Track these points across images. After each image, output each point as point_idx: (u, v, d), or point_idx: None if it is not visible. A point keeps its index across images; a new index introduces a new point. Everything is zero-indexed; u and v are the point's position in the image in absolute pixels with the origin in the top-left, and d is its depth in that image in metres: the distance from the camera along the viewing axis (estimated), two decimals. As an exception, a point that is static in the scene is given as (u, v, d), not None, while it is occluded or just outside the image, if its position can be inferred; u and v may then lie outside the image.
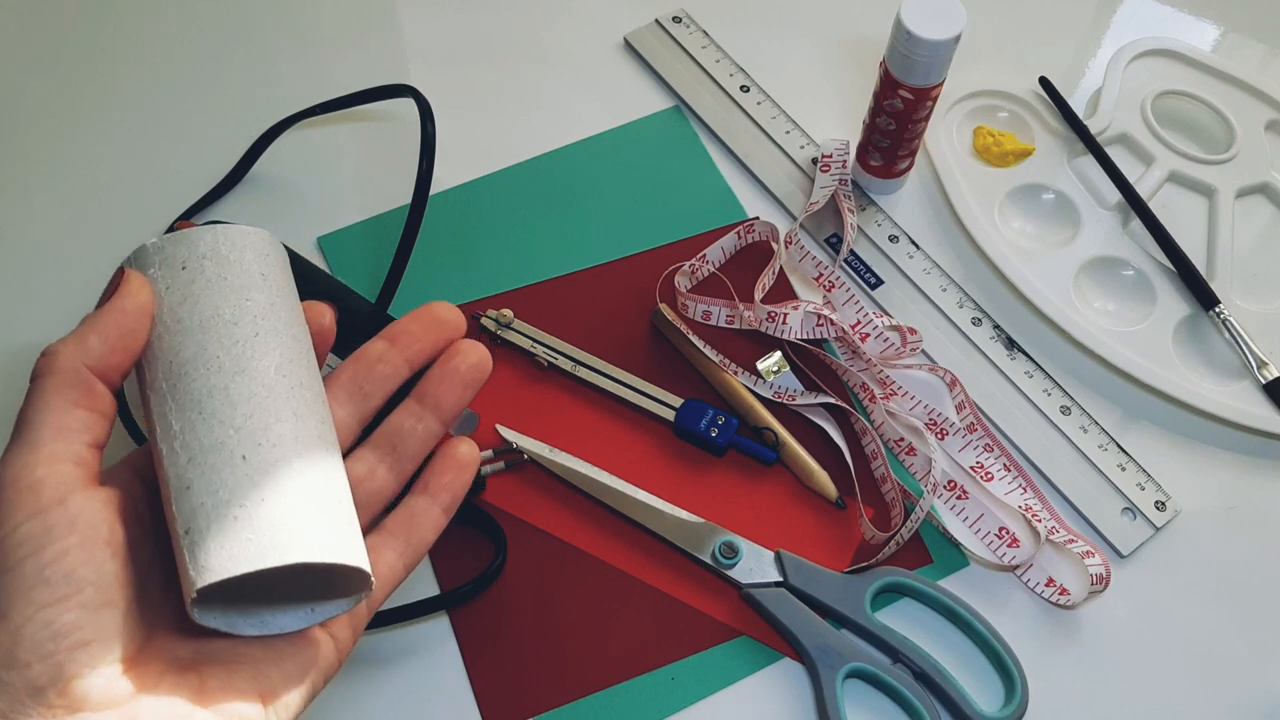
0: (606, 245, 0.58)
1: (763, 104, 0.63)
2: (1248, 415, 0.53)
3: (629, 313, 0.56)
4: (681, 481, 0.52)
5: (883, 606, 0.50)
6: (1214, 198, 0.60)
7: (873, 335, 0.54)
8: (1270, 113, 0.62)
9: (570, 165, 0.61)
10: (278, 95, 0.62)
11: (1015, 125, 0.62)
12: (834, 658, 0.47)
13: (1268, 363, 0.54)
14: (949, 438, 0.53)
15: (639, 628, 0.49)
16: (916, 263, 0.58)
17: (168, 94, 0.63)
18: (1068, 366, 0.56)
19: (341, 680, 0.48)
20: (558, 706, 0.47)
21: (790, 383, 0.54)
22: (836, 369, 0.54)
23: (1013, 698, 0.47)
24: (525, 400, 0.54)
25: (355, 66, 0.64)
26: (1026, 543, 0.51)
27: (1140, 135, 0.61)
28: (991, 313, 0.57)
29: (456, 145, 0.61)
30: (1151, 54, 0.64)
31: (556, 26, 0.67)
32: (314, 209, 0.59)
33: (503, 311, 0.55)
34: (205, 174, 0.60)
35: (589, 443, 0.53)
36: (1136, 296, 0.57)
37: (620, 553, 0.50)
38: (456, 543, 0.50)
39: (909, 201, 0.61)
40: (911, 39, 0.51)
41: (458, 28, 0.66)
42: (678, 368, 0.55)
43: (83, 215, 0.59)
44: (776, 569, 0.49)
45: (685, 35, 0.65)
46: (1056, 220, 0.59)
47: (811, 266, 0.57)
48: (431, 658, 0.48)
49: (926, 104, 0.54)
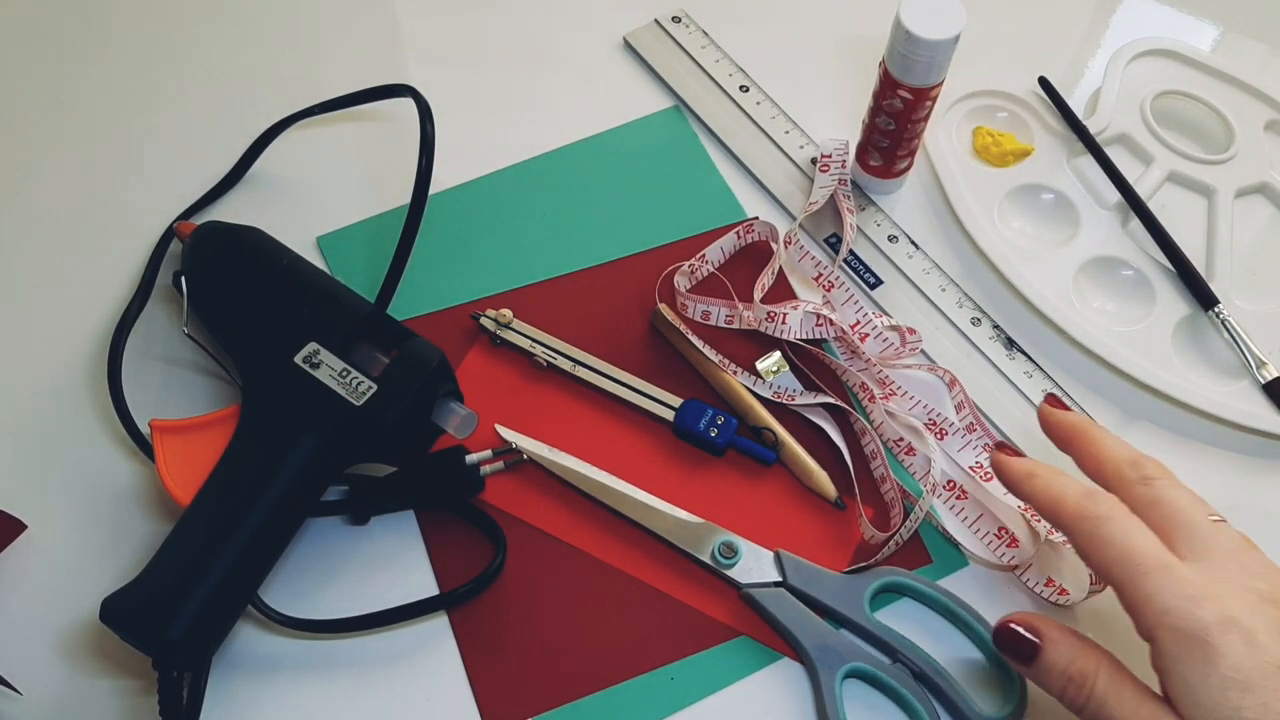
0: (606, 245, 0.58)
1: (762, 104, 0.63)
2: (1247, 415, 0.53)
3: (628, 313, 0.56)
4: (681, 481, 0.52)
5: (882, 606, 0.50)
6: (1213, 198, 0.60)
7: (872, 335, 0.54)
8: (1269, 113, 0.62)
9: (570, 165, 0.61)
10: (277, 95, 0.62)
11: (1015, 125, 0.62)
12: (833, 658, 0.47)
13: (1267, 362, 0.54)
14: (948, 437, 0.53)
15: (638, 628, 0.49)
16: (916, 263, 0.58)
17: (167, 94, 0.63)
18: (1067, 366, 0.56)
19: (342, 680, 0.48)
20: (557, 706, 0.47)
21: (789, 383, 0.54)
22: (836, 369, 0.54)
23: (1011, 698, 0.47)
24: (524, 400, 0.54)
25: (355, 66, 0.64)
26: (1025, 543, 0.51)
27: (1139, 135, 0.61)
28: (991, 312, 0.57)
29: (456, 145, 0.61)
30: (1151, 54, 0.64)
31: (556, 26, 0.67)
32: (313, 209, 0.59)
33: (502, 311, 0.55)
34: (204, 174, 0.60)
35: (588, 443, 0.53)
36: (1136, 296, 0.57)
37: (620, 553, 0.50)
38: (456, 543, 0.50)
39: (908, 201, 0.61)
40: (911, 39, 0.51)
41: (457, 28, 0.66)
42: (677, 368, 0.55)
43: (82, 215, 0.59)
44: (776, 569, 0.49)
45: (685, 35, 0.66)
46: (1056, 220, 0.59)
47: (811, 266, 0.57)
48: (431, 658, 0.48)
49: (926, 104, 0.54)
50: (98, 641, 0.48)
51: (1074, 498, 0.42)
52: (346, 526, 0.51)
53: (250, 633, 0.48)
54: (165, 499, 0.51)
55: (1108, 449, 0.44)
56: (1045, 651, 0.41)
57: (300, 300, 0.49)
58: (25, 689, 0.47)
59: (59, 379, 0.54)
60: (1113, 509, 0.41)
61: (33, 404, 0.53)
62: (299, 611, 0.48)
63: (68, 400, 0.54)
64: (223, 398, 0.54)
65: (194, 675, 0.45)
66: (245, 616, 0.49)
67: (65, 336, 0.55)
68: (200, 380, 0.54)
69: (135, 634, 0.43)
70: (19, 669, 0.47)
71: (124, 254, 0.58)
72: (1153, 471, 0.43)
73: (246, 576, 0.45)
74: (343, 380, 0.46)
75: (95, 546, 0.50)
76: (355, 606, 0.48)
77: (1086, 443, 0.45)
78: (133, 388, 0.53)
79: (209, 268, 0.51)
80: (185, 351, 0.55)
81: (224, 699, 0.47)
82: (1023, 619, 0.42)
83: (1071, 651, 0.41)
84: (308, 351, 0.47)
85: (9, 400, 0.54)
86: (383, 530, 0.51)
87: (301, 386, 0.46)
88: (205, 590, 0.43)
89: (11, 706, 0.47)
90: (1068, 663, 0.41)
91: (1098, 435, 0.45)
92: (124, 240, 0.58)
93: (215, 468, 0.46)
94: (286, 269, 0.50)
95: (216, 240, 0.52)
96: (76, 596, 0.49)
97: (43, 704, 0.47)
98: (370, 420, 0.46)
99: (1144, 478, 0.42)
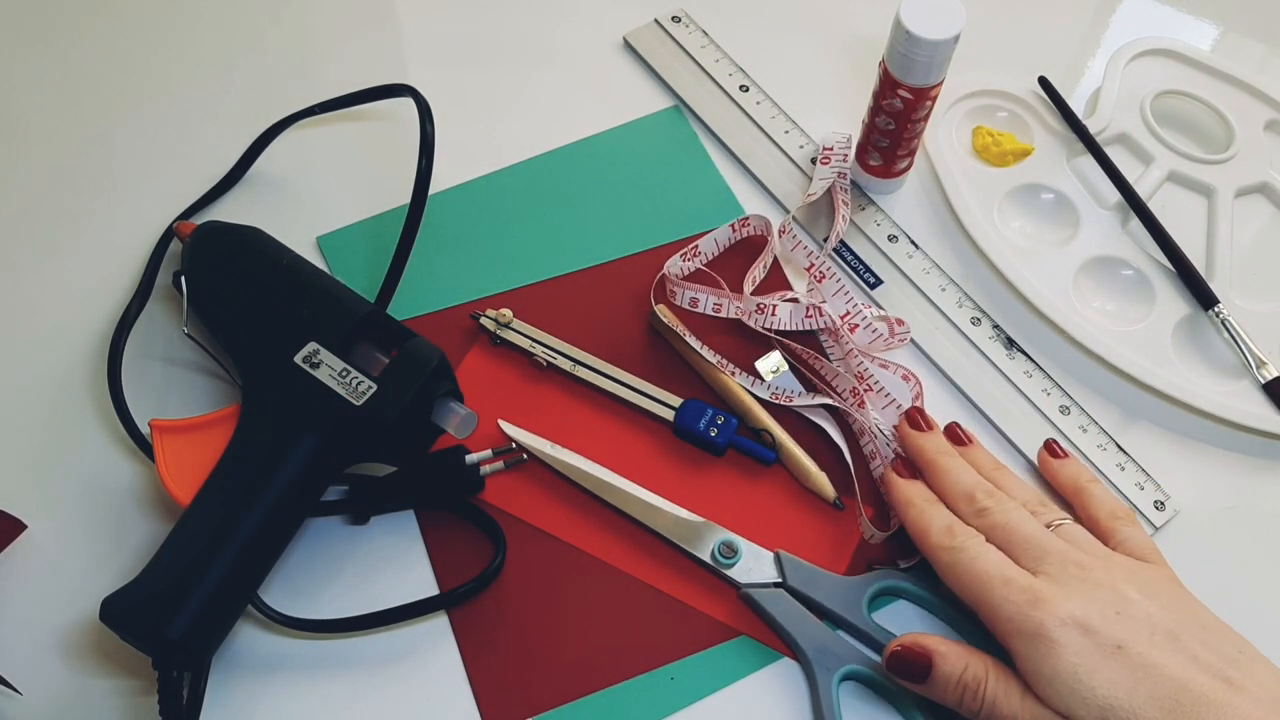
0: (605, 245, 0.58)
1: (762, 103, 0.63)
2: (1247, 415, 0.53)
3: (628, 312, 0.56)
4: (681, 481, 0.52)
5: (880, 608, 0.50)
6: (1213, 197, 0.60)
7: (862, 325, 0.54)
8: (1269, 112, 0.62)
9: (569, 165, 0.61)
10: (277, 95, 0.62)
11: (1014, 125, 0.62)
12: (831, 659, 0.47)
13: (1267, 362, 0.54)
14: None
15: (638, 628, 0.49)
16: (916, 262, 0.58)
17: (167, 93, 0.63)
18: (1067, 366, 0.56)
19: (342, 680, 0.48)
20: (557, 706, 0.47)
21: (789, 384, 0.54)
22: (828, 373, 0.54)
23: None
24: (524, 400, 0.54)
25: (355, 66, 0.64)
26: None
27: (1139, 135, 0.61)
28: (990, 312, 0.57)
29: (455, 145, 0.61)
30: (1151, 54, 0.64)
31: (556, 26, 0.67)
32: (313, 208, 0.59)
33: (502, 311, 0.55)
34: (204, 173, 0.60)
35: (588, 442, 0.53)
36: (1135, 296, 0.57)
37: (620, 552, 0.50)
38: (456, 542, 0.50)
39: (908, 201, 0.61)
40: (911, 39, 0.51)
41: (457, 28, 0.66)
42: (677, 367, 0.55)
43: (82, 215, 0.59)
44: (775, 569, 0.49)
45: (684, 35, 0.66)
46: (1056, 220, 0.59)
47: (803, 256, 0.57)
48: (431, 658, 0.48)
49: (925, 104, 0.54)
50: (98, 641, 0.48)
51: (936, 531, 0.46)
52: (346, 526, 0.51)
53: (250, 633, 0.48)
54: (165, 499, 0.51)
55: (949, 483, 0.49)
56: (937, 666, 0.43)
57: (300, 300, 0.49)
58: (25, 689, 0.47)
59: (59, 379, 0.54)
60: (966, 540, 0.45)
61: (33, 404, 0.53)
62: (299, 611, 0.48)
63: (68, 400, 0.54)
64: (223, 398, 0.54)
65: (194, 675, 0.45)
66: (245, 616, 0.49)
67: (65, 337, 0.55)
68: (200, 380, 0.54)
69: (135, 634, 0.43)
70: (19, 669, 0.47)
71: (124, 254, 0.58)
72: (984, 501, 0.47)
73: (246, 576, 0.45)
74: (343, 380, 0.46)
75: (95, 546, 0.50)
76: (355, 606, 0.48)
77: (931, 476, 0.49)
78: (133, 388, 0.53)
79: (209, 268, 0.51)
80: (185, 351, 0.55)
81: (224, 699, 0.47)
82: (907, 640, 0.44)
83: (962, 660, 0.43)
84: (308, 351, 0.47)
85: (9, 400, 0.54)
86: (383, 530, 0.51)
87: (301, 386, 0.46)
88: (205, 590, 0.43)
89: (11, 706, 0.47)
90: (961, 671, 0.43)
91: (941, 467, 0.49)
92: (124, 240, 0.58)
93: (215, 468, 0.46)
94: (286, 269, 0.50)
95: (216, 240, 0.52)
96: (76, 596, 0.49)
97: (43, 704, 0.47)
98: (370, 420, 0.46)
99: (977, 511, 0.47)
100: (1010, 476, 0.50)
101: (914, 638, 0.44)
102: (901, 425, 0.51)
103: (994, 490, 0.48)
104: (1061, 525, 0.46)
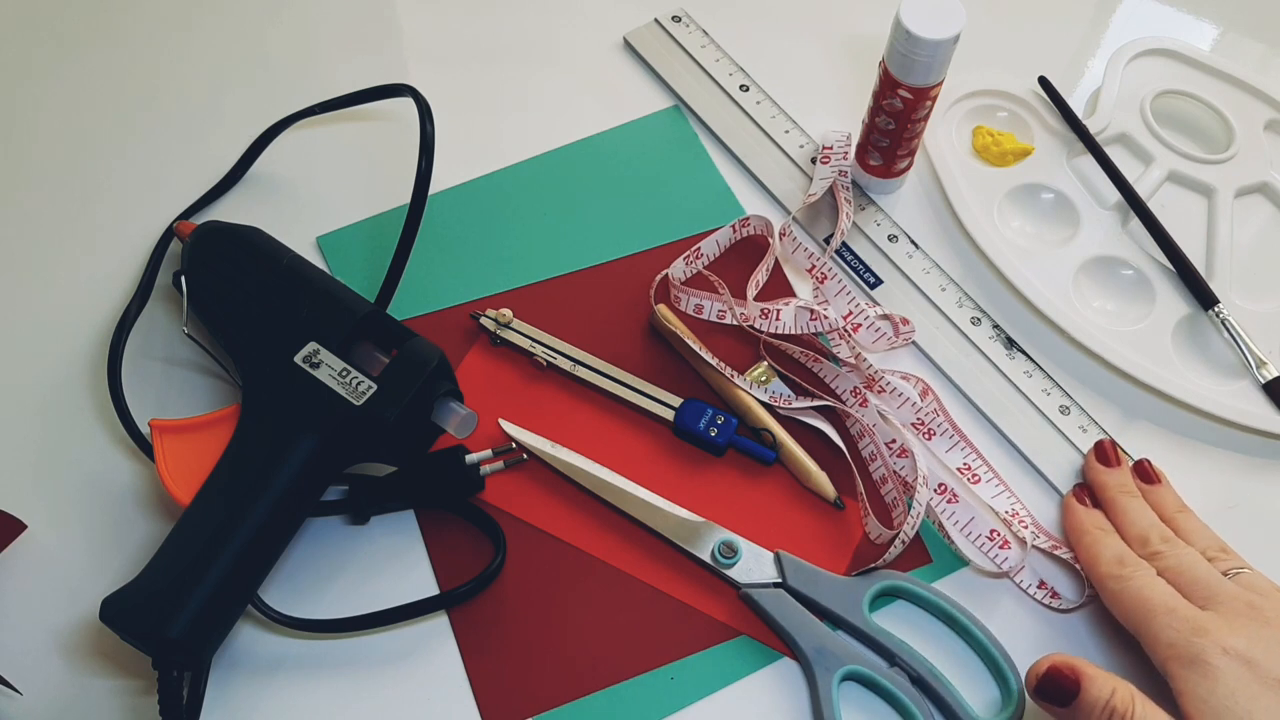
0: (606, 245, 0.58)
1: (762, 103, 0.63)
2: (1247, 415, 0.53)
3: (628, 312, 0.56)
4: (681, 481, 0.52)
5: (880, 609, 0.50)
6: (1213, 197, 0.60)
7: (864, 325, 0.54)
8: (1269, 112, 0.62)
9: (569, 165, 0.61)
10: (277, 95, 0.62)
11: (1014, 125, 0.62)
12: (830, 660, 0.47)
13: (1267, 362, 0.54)
14: (936, 438, 0.52)
15: (638, 627, 0.49)
16: (916, 262, 0.58)
17: (167, 94, 0.63)
18: (1067, 366, 0.56)
19: (342, 680, 0.48)
20: (557, 706, 0.47)
21: (783, 389, 0.54)
22: (827, 374, 0.54)
23: (1009, 703, 0.47)
24: (524, 400, 0.54)
25: (355, 66, 0.64)
26: (1017, 545, 0.51)
27: (1139, 135, 0.61)
28: (990, 312, 0.57)
29: (456, 145, 0.61)
30: (1151, 54, 0.64)
31: (556, 26, 0.67)
32: (313, 208, 0.59)
33: (502, 311, 0.55)
34: (204, 173, 0.60)
35: (588, 442, 0.53)
36: (1135, 296, 0.57)
37: (620, 552, 0.50)
38: (456, 542, 0.50)
39: (908, 201, 0.61)
40: (911, 38, 0.51)
41: (457, 28, 0.66)
42: (677, 367, 0.55)
43: (82, 215, 0.59)
44: (775, 569, 0.49)
45: (684, 34, 0.66)
46: (1056, 220, 0.59)
47: (804, 258, 0.57)
48: (431, 657, 0.48)
49: (925, 104, 0.54)
50: (98, 641, 0.48)
51: (1106, 560, 0.47)
52: (346, 526, 0.51)
53: (250, 633, 0.48)
54: (165, 499, 0.51)
55: (1126, 524, 0.49)
56: (1085, 689, 0.42)
57: (300, 300, 0.49)
58: (25, 689, 0.47)
59: (59, 379, 0.54)
60: (1135, 570, 0.46)
61: (33, 404, 0.53)
62: (299, 611, 0.48)
63: (68, 400, 0.54)
64: (223, 398, 0.54)
65: (194, 675, 0.45)
66: (245, 616, 0.49)
67: (65, 336, 0.55)
68: (200, 380, 0.54)
69: (135, 634, 0.43)
70: (19, 669, 0.47)
71: (124, 254, 0.58)
72: (1158, 546, 0.47)
73: (247, 576, 0.45)
74: (343, 380, 0.46)
75: (95, 546, 0.50)
76: (355, 606, 0.48)
77: (1111, 514, 0.50)
78: (133, 388, 0.53)
79: (209, 268, 0.51)
80: (185, 351, 0.55)
81: (224, 699, 0.47)
82: (1059, 661, 0.43)
83: (1109, 685, 0.42)
84: (308, 351, 0.47)
85: (9, 400, 0.54)
86: (383, 530, 0.51)
87: (301, 386, 0.46)
88: (205, 590, 0.43)
89: (11, 706, 0.47)
90: (1109, 696, 0.42)
91: (1121, 507, 0.50)
92: (124, 240, 0.58)
93: (215, 468, 0.46)
94: (286, 269, 0.50)
95: (216, 240, 0.52)
96: (76, 596, 0.49)
97: (43, 704, 0.47)
98: (370, 420, 0.46)
99: (1152, 554, 0.47)
100: (1193, 520, 0.49)
101: (1064, 659, 0.43)
102: (1089, 457, 0.52)
103: (1170, 536, 0.48)
104: (1240, 574, 0.46)
